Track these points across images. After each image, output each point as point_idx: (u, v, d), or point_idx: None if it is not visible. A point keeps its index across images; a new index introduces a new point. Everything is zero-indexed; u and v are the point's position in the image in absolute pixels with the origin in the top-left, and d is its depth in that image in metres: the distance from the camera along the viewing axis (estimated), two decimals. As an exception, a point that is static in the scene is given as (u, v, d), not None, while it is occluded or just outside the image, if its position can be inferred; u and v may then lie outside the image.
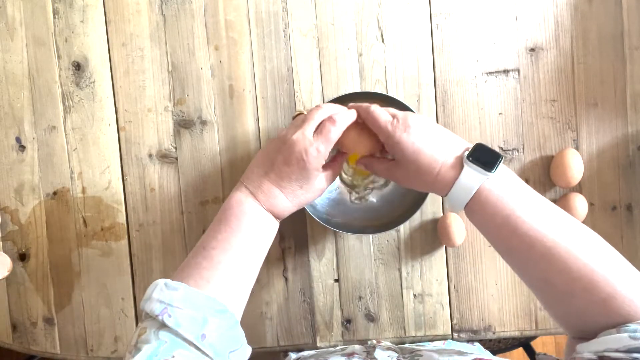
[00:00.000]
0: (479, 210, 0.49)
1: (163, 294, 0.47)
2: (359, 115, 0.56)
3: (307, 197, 0.55)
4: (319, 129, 0.53)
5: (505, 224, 0.47)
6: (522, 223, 0.46)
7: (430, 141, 0.51)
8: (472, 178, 0.48)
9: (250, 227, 0.52)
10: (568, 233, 0.46)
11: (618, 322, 0.43)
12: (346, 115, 0.54)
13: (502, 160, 0.50)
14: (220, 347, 0.46)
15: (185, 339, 0.45)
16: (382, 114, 0.54)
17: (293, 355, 0.76)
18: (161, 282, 0.48)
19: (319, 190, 0.56)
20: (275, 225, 0.56)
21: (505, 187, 0.48)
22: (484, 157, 0.49)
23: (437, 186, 0.52)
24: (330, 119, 0.53)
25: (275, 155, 0.54)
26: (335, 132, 0.52)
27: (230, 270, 0.50)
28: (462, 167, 0.49)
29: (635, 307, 0.43)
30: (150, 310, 0.46)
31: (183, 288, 0.47)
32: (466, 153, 0.50)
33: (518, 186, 0.49)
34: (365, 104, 0.56)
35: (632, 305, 0.43)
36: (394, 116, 0.54)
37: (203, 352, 0.45)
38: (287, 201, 0.54)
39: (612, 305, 0.43)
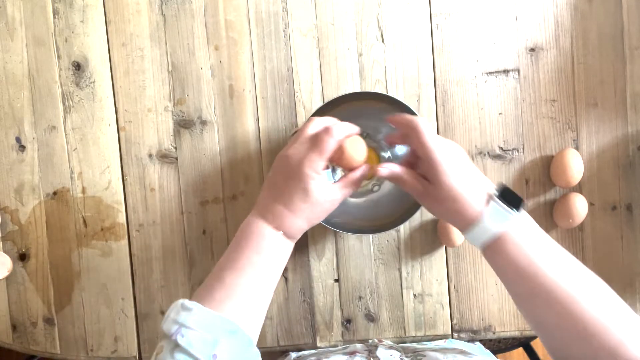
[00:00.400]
0: (499, 251, 0.49)
1: (179, 315, 0.47)
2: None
3: (315, 212, 0.54)
4: (313, 141, 0.52)
5: (524, 269, 0.48)
6: (541, 271, 0.48)
7: (465, 173, 0.51)
8: (498, 217, 0.49)
9: (261, 249, 0.52)
10: (584, 282, 0.48)
11: None
12: (343, 127, 0.53)
13: (524, 205, 0.50)
14: None
15: (197, 359, 0.45)
16: (428, 129, 0.52)
17: (293, 354, 0.76)
18: (179, 302, 0.49)
19: (327, 203, 0.54)
20: (288, 245, 0.55)
21: (526, 232, 0.49)
22: (508, 198, 0.49)
23: (460, 218, 0.51)
24: (326, 129, 0.52)
25: (276, 176, 0.54)
26: (330, 143, 0.51)
27: (243, 292, 0.51)
28: (488, 204, 0.49)
29: None
30: (167, 329, 0.47)
31: (197, 309, 0.48)
32: (494, 191, 0.50)
33: (538, 233, 0.50)
34: (409, 116, 0.54)
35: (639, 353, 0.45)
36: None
37: None
38: (296, 219, 0.53)
39: (620, 351, 0.45)
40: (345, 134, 0.53)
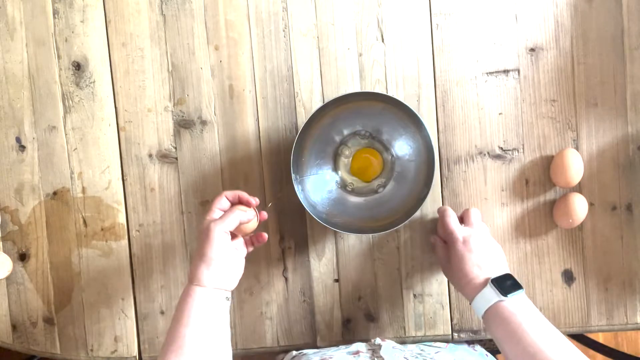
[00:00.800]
0: (493, 320, 0.61)
1: None
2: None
3: (227, 266, 0.62)
4: (223, 216, 0.63)
5: (513, 334, 0.58)
6: (526, 336, 0.57)
7: (478, 257, 0.65)
8: (489, 296, 0.61)
9: (198, 309, 0.59)
10: (564, 351, 0.56)
11: None
12: (241, 214, 0.64)
13: (522, 292, 0.62)
14: None
15: None
16: (453, 219, 0.70)
17: (294, 352, 0.76)
18: None
19: (232, 257, 0.63)
20: (219, 298, 0.61)
21: (519, 308, 0.60)
22: (506, 284, 0.62)
23: (465, 291, 0.66)
24: (231, 210, 0.64)
25: (197, 246, 0.64)
26: (233, 220, 0.63)
27: (192, 346, 0.57)
28: (485, 286, 0.63)
29: None
30: None
31: None
32: (493, 277, 0.63)
33: (531, 310, 0.60)
34: (447, 224, 0.70)
35: None
36: (464, 221, 0.71)
37: None
38: (223, 275, 0.62)
39: None
40: (242, 219, 0.64)
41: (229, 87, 0.77)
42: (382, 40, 0.76)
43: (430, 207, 0.77)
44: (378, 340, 0.73)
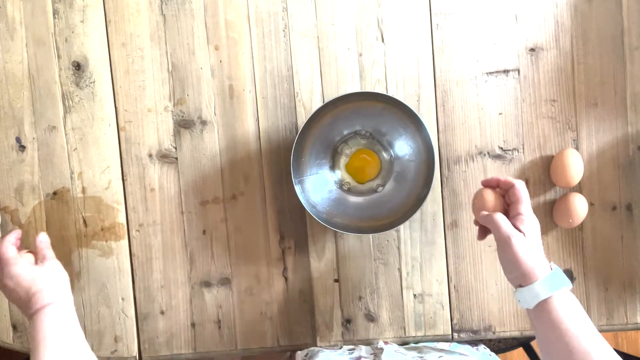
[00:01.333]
0: (546, 313, 0.57)
1: None
2: None
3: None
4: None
5: (558, 331, 0.55)
6: (573, 335, 0.54)
7: (531, 258, 0.58)
8: (553, 283, 0.57)
9: (47, 336, 0.59)
10: (602, 349, 0.54)
11: None
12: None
13: (570, 288, 0.57)
14: None
15: None
16: (504, 224, 0.60)
17: (300, 353, 0.76)
18: None
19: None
20: (33, 320, 0.61)
21: (567, 305, 0.56)
22: (559, 278, 0.57)
23: (515, 280, 0.59)
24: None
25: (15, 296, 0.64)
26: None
27: None
28: (549, 271, 0.58)
29: None
30: None
31: None
32: (550, 271, 0.58)
33: (577, 308, 0.57)
34: (487, 214, 0.62)
35: None
36: (518, 217, 0.61)
37: None
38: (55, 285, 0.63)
39: None
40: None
41: (229, 87, 0.77)
42: (382, 40, 0.76)
43: (430, 207, 0.77)
44: (381, 344, 0.73)
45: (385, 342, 0.74)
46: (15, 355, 0.85)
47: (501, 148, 0.77)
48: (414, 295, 0.78)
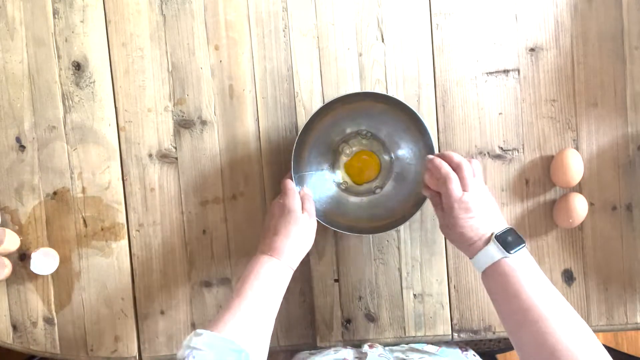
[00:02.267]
0: (491, 276, 0.60)
1: (191, 340, 0.55)
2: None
3: (305, 242, 0.68)
4: (302, 200, 0.69)
5: (510, 289, 0.58)
6: (523, 292, 0.57)
7: (477, 218, 0.62)
8: (492, 253, 0.60)
9: (260, 275, 0.63)
10: (560, 308, 0.56)
11: None
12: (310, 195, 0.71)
13: (525, 246, 0.60)
14: None
15: None
16: (457, 186, 0.63)
17: (301, 355, 0.76)
18: (194, 331, 0.57)
19: (312, 232, 0.68)
20: (286, 271, 0.65)
21: (520, 265, 0.59)
22: (509, 239, 0.60)
23: (468, 250, 0.63)
24: (305, 195, 0.70)
25: (273, 219, 0.68)
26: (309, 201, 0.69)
27: (245, 314, 0.59)
28: (489, 242, 0.60)
29: None
30: (181, 355, 0.55)
31: (206, 333, 0.56)
32: (496, 232, 0.60)
33: (531, 267, 0.59)
34: (444, 170, 0.64)
35: None
36: (462, 180, 0.63)
37: None
38: (295, 249, 0.66)
39: None
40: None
41: (229, 87, 0.77)
42: (382, 40, 0.76)
43: (430, 207, 0.77)
44: (365, 348, 0.73)
45: (370, 346, 0.74)
46: (15, 355, 0.86)
47: (501, 148, 0.77)
48: (414, 295, 0.78)
